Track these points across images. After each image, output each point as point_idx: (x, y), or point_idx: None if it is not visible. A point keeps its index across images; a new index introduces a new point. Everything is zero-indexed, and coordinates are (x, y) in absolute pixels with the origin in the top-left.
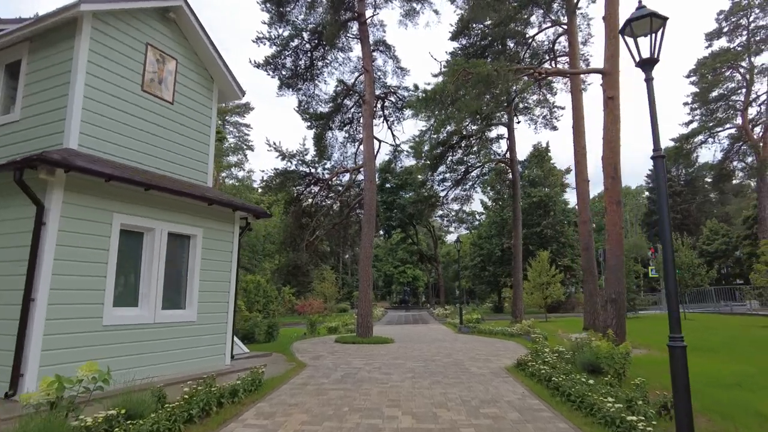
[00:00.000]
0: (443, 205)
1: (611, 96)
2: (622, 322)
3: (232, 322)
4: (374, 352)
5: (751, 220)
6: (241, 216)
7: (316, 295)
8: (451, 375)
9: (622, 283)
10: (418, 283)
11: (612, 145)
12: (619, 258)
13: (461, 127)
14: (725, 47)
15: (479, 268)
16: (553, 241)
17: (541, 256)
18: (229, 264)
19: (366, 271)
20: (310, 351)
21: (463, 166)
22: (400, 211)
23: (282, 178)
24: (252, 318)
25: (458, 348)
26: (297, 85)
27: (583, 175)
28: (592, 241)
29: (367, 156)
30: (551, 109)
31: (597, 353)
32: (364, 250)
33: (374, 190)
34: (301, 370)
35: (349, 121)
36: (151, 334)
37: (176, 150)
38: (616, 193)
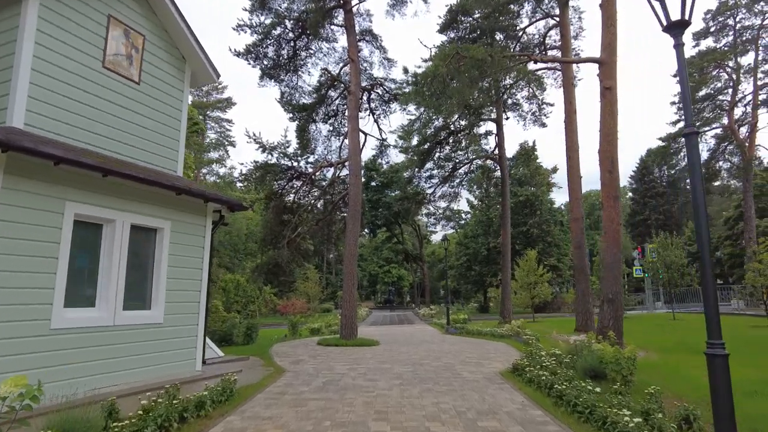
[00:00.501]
0: (430, 202)
1: (608, 86)
2: (619, 323)
3: (203, 323)
4: (359, 356)
5: (732, 221)
6: (214, 208)
7: (299, 295)
8: (442, 381)
9: (620, 282)
10: (403, 282)
11: (609, 138)
12: (616, 256)
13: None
14: (712, 47)
15: (465, 267)
16: (540, 240)
17: (528, 255)
18: (200, 260)
19: (350, 269)
20: (291, 354)
21: (451, 163)
22: (386, 210)
23: (262, 172)
24: (230, 319)
25: (447, 350)
26: (279, 76)
27: (576, 170)
28: (584, 238)
29: (352, 149)
30: (540, 105)
31: (600, 357)
32: (349, 247)
33: (359, 185)
34: (279, 376)
35: (333, 114)
36: (111, 337)
37: (142, 135)
38: (614, 188)
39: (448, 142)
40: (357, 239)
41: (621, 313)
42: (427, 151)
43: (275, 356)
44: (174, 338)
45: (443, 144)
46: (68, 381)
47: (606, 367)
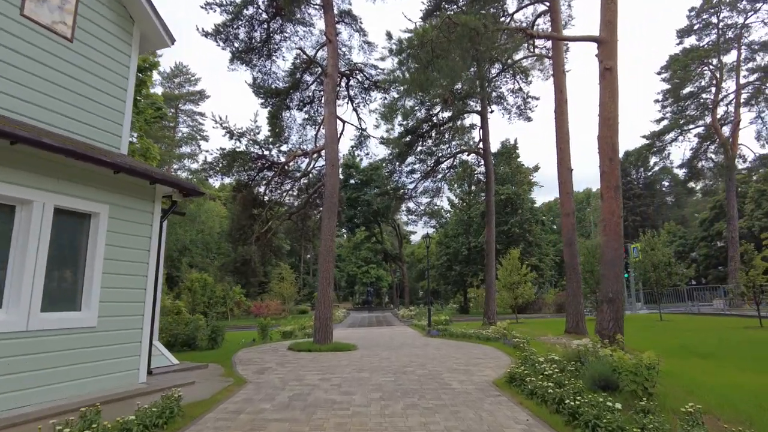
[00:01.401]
0: (411, 198)
1: (609, 67)
2: (620, 324)
3: (150, 327)
4: (334, 363)
5: (707, 222)
6: (164, 193)
7: (273, 296)
8: (429, 394)
9: (622, 280)
10: (382, 283)
11: (610, 123)
12: (618, 251)
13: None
14: (696, 45)
15: (445, 267)
16: (521, 240)
17: (511, 254)
18: (146, 253)
19: (326, 267)
20: (256, 362)
21: (433, 158)
22: (365, 208)
23: (229, 160)
24: (193, 321)
25: (431, 355)
26: (251, 61)
27: (566, 162)
28: (576, 235)
29: (329, 137)
30: (525, 98)
31: (613, 365)
32: (325, 243)
33: (337, 176)
34: (238, 389)
35: (309, 100)
36: (23, 346)
37: (75, 102)
38: (615, 177)
39: (431, 135)
40: (334, 235)
41: (622, 314)
42: (409, 143)
43: (238, 364)
44: (111, 345)
45: (425, 137)
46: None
47: (620, 376)
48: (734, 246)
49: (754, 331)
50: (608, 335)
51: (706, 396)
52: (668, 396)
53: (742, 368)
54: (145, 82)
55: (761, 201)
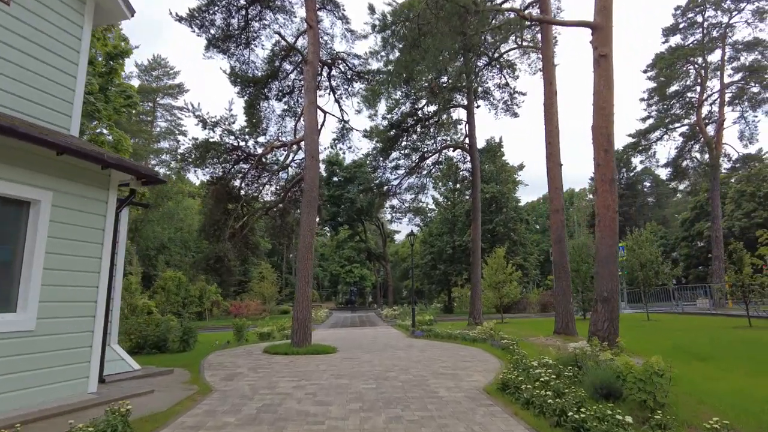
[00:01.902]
0: (396, 194)
1: (603, 54)
2: (615, 325)
3: (104, 329)
4: (311, 368)
5: (688, 222)
6: (121, 180)
7: (254, 295)
8: (414, 404)
9: (617, 278)
10: (366, 283)
11: (605, 112)
12: (612, 248)
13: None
14: (681, 44)
15: (430, 266)
16: (506, 239)
17: (497, 252)
18: (98, 247)
19: (305, 265)
20: (227, 366)
21: (418, 153)
22: (348, 206)
23: (202, 151)
24: (164, 322)
25: (416, 358)
26: (229, 49)
27: (556, 157)
28: (565, 232)
29: (309, 127)
30: (512, 94)
31: (617, 372)
32: (304, 240)
33: (317, 169)
34: (201, 398)
35: (289, 91)
36: None
37: (14, 74)
38: (610, 169)
39: (416, 130)
40: (313, 231)
41: (617, 314)
42: (393, 138)
43: (207, 369)
44: (54, 351)
45: (410, 132)
46: None
47: (625, 384)
48: (718, 245)
49: (743, 330)
50: (603, 336)
51: (717, 405)
52: (679, 406)
53: (746, 372)
54: (117, 70)
55: (741, 201)
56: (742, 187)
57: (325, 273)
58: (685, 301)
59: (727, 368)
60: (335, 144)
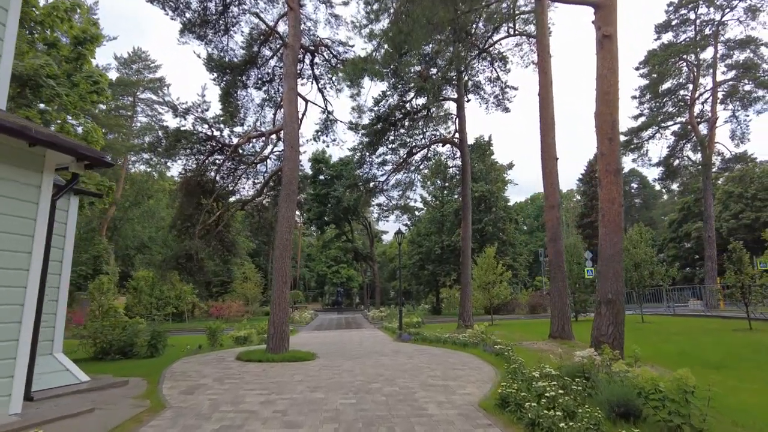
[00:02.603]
0: (383, 191)
1: (607, 34)
2: (620, 330)
3: (33, 337)
4: (285, 378)
5: (676, 223)
6: (58, 162)
7: (236, 296)
8: (400, 425)
9: (622, 278)
10: (353, 283)
11: (609, 97)
12: (618, 246)
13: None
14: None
15: (418, 267)
16: (495, 239)
17: (487, 252)
18: (28, 240)
19: (282, 264)
20: (191, 376)
21: (406, 148)
22: (335, 205)
23: (172, 140)
24: (131, 326)
25: (402, 366)
26: (206, 36)
27: (551, 151)
28: (561, 230)
29: (288, 115)
30: (503, 88)
31: (638, 387)
32: (281, 236)
33: (296, 160)
34: (149, 418)
35: (269, 79)
36: None
37: None
38: (615, 159)
39: (403, 124)
40: (292, 225)
41: (622, 318)
42: (380, 131)
43: (167, 379)
44: None
45: (398, 126)
46: None
47: (647, 402)
48: (711, 246)
49: (745, 334)
50: (608, 342)
51: (754, 425)
52: (712, 428)
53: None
54: (86, 56)
55: (728, 203)
56: (730, 188)
57: (312, 273)
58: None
59: (746, 378)
60: (318, 136)
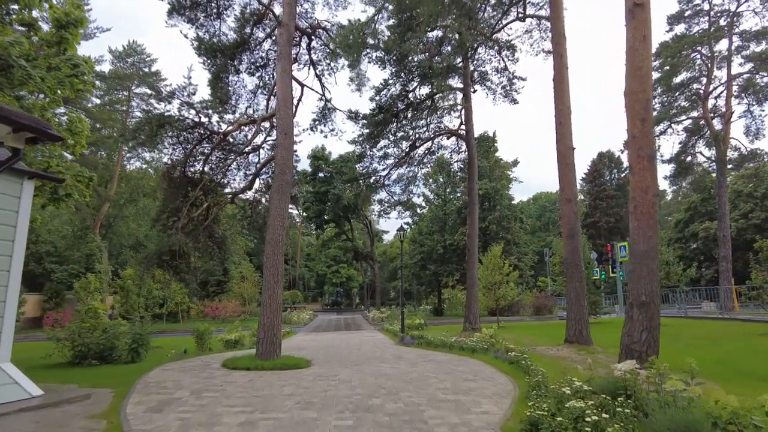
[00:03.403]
0: (384, 186)
1: (639, 2)
2: (655, 336)
3: None
4: (273, 391)
5: (682, 223)
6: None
7: (232, 296)
8: None
9: (657, 278)
10: (353, 283)
11: (641, 72)
12: (653, 241)
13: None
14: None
15: (419, 266)
16: (499, 238)
17: (493, 251)
18: None
19: (274, 261)
20: (167, 387)
21: (409, 141)
22: (334, 203)
23: (155, 126)
24: (112, 328)
25: (406, 375)
26: (198, 19)
27: (567, 140)
28: (579, 225)
29: (282, 99)
30: (511, 79)
31: (710, 413)
32: (273, 230)
33: (290, 147)
34: None
35: (262, 64)
36: None
37: None
38: (648, 143)
39: (406, 115)
40: (285, 218)
41: (657, 323)
42: (382, 122)
43: (138, 392)
44: None
45: (400, 117)
46: None
47: None
48: (726, 245)
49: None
50: (641, 350)
51: None
52: None
53: None
54: (68, 40)
55: (737, 202)
56: (739, 187)
57: (312, 273)
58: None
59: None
60: (315, 125)
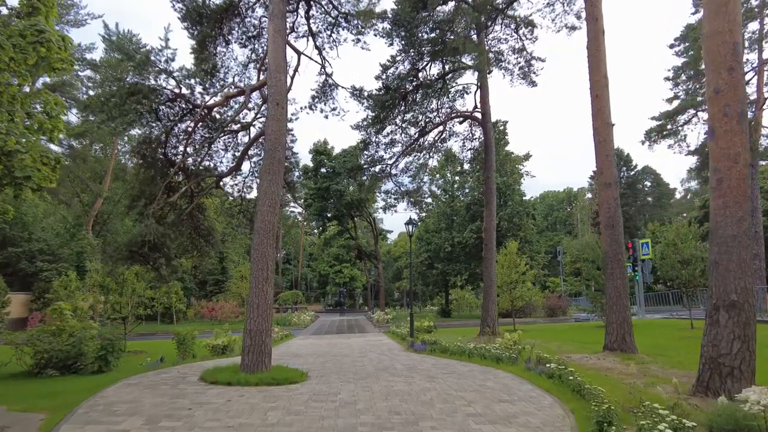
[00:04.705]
0: (391, 176)
1: None
2: (750, 347)
3: None
4: (252, 419)
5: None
6: None
7: (231, 296)
8: None
9: (750, 271)
10: (356, 284)
11: (728, 9)
12: (743, 222)
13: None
14: None
15: (426, 265)
16: (511, 235)
17: (509, 247)
18: None
19: (263, 252)
20: (117, 412)
21: (418, 128)
22: (337, 200)
23: (124, 96)
24: (82, 331)
25: (424, 394)
26: None
27: (605, 114)
28: (620, 213)
29: (274, 63)
30: (529, 60)
31: None
32: (263, 216)
33: (284, 120)
34: None
35: (255, 34)
36: None
37: None
38: (737, 97)
39: (415, 98)
40: (276, 202)
41: (753, 331)
42: (389, 105)
43: (71, 422)
44: None
45: (408, 100)
46: None
47: None
48: (759, 243)
49: None
50: (734, 365)
51: None
52: None
53: None
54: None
55: None
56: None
57: (314, 273)
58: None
59: None
60: (315, 103)
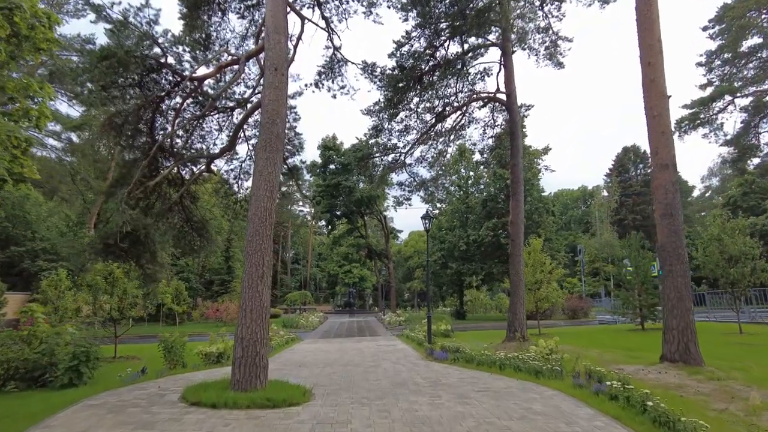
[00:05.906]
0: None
1: None
2: None
3: None
4: None
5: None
6: None
7: (236, 296)
8: None
9: None
10: (366, 284)
11: None
12: None
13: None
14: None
15: (439, 265)
16: (529, 232)
17: (534, 244)
18: None
19: (259, 244)
20: None
21: (434, 114)
22: (346, 197)
23: (95, 59)
24: (53, 338)
25: (456, 422)
26: None
27: (660, 85)
28: (678, 200)
29: (272, 24)
30: (555, 40)
31: None
32: (258, 201)
33: (283, 88)
34: None
35: (255, 2)
36: None
37: None
38: None
39: (431, 80)
40: (274, 185)
41: None
42: (403, 88)
43: None
44: None
45: (424, 82)
46: None
47: None
48: None
49: None
50: None
51: None
52: None
53: None
54: None
55: None
56: None
57: (323, 273)
58: (751, 308)
59: None
60: (321, 81)
